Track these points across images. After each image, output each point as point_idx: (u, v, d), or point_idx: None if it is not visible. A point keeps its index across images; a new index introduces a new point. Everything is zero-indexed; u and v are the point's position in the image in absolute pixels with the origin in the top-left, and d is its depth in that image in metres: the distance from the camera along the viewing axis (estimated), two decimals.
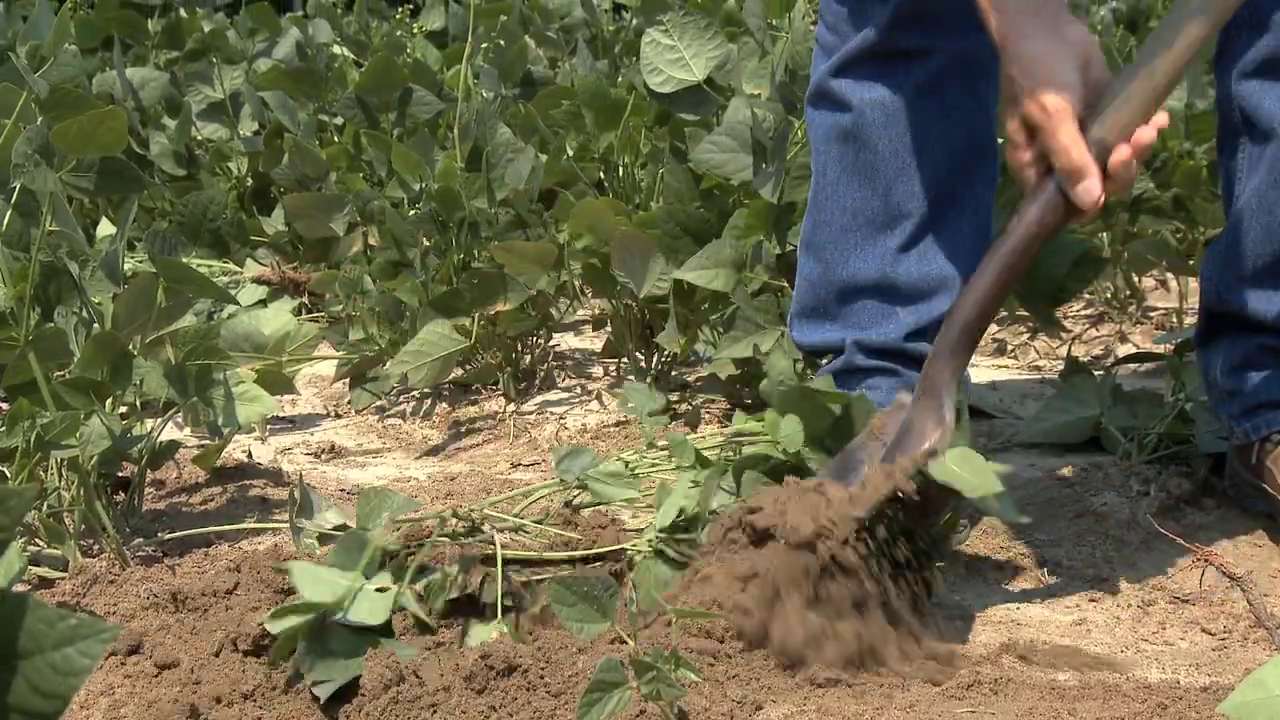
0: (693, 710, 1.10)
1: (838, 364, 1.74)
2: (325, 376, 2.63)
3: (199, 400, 1.78)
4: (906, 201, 1.69)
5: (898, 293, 1.71)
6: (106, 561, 1.60)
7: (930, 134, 1.69)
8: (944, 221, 1.70)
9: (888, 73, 1.68)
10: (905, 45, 1.66)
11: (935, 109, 1.69)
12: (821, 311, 1.75)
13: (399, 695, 1.14)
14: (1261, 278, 1.60)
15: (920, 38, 1.66)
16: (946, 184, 1.71)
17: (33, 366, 1.58)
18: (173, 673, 1.25)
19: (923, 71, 1.67)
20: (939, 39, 1.66)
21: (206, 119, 3.34)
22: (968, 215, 1.72)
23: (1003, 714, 1.15)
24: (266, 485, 1.99)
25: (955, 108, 1.70)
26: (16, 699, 0.65)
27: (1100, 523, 1.80)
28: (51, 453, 1.57)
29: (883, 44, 1.65)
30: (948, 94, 1.69)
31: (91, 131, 1.59)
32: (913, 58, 1.67)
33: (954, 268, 1.71)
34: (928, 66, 1.67)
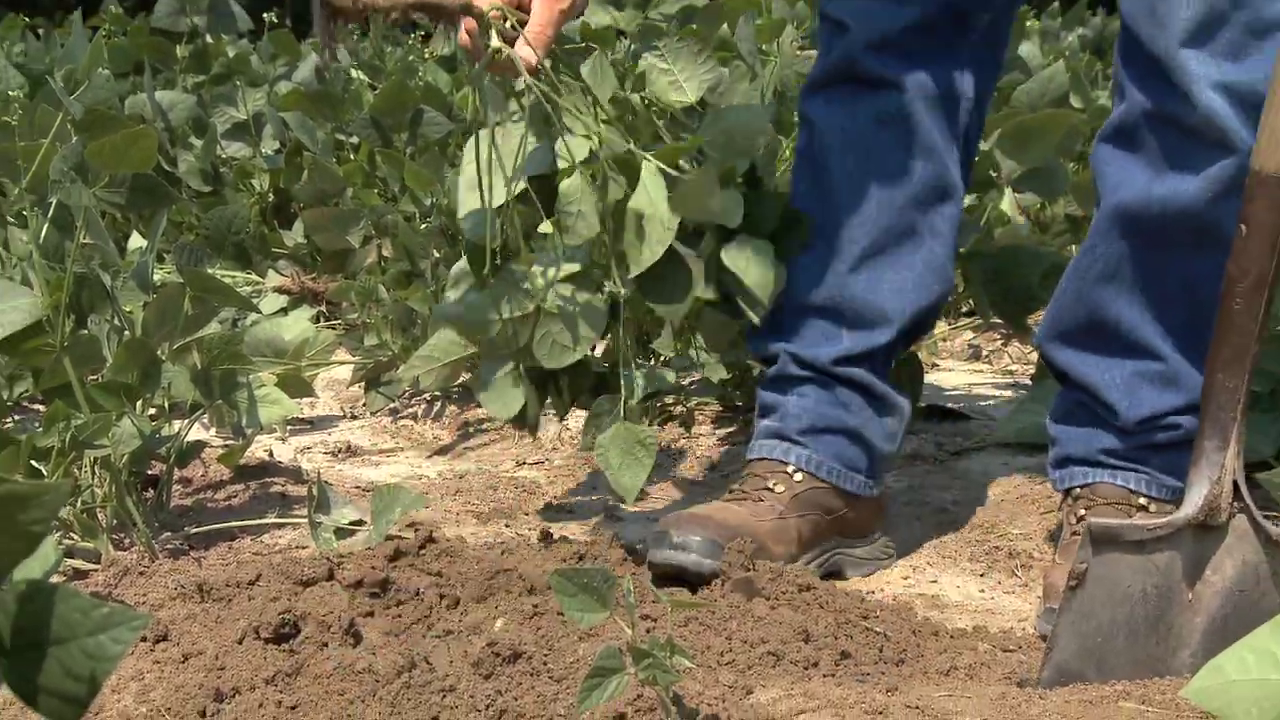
0: (687, 694, 1.10)
1: (772, 371, 1.69)
2: (342, 380, 2.63)
3: (223, 402, 1.78)
4: (858, 228, 1.63)
5: (843, 316, 1.65)
6: (137, 554, 1.60)
7: (889, 165, 1.63)
8: (898, 253, 1.64)
9: (850, 99, 1.63)
10: (869, 73, 1.61)
11: (896, 141, 1.63)
12: (774, 325, 1.68)
13: (411, 680, 1.14)
14: (1073, 339, 1.57)
15: (883, 67, 1.61)
16: (904, 216, 1.64)
17: (68, 371, 1.58)
18: (198, 659, 1.25)
19: (886, 103, 1.61)
20: (902, 71, 1.61)
21: (231, 138, 3.34)
22: (923, 250, 1.65)
23: (977, 697, 1.15)
24: (287, 483, 1.99)
25: (918, 143, 1.63)
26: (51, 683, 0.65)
27: None
28: (85, 452, 1.57)
29: (847, 69, 1.61)
30: (912, 129, 1.63)
31: (123, 150, 1.60)
32: (877, 87, 1.61)
33: (901, 300, 1.65)
34: (891, 98, 1.61)
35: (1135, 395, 1.53)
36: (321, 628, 1.28)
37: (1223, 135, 1.39)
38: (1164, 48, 1.40)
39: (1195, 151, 1.42)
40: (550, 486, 2.04)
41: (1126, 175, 1.49)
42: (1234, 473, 1.22)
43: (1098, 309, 1.54)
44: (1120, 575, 1.22)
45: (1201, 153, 1.41)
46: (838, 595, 1.45)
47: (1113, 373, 1.54)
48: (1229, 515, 1.23)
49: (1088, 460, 1.57)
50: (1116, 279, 1.52)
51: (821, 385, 1.64)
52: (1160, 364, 1.52)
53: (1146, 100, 1.45)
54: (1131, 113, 1.47)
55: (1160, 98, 1.43)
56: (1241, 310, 1.22)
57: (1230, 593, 1.24)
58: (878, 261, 1.64)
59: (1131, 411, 1.53)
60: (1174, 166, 1.44)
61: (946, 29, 1.61)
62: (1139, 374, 1.53)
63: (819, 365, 1.64)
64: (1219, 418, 1.23)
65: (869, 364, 1.65)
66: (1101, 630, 1.23)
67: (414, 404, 2.50)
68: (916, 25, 1.59)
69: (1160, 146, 1.45)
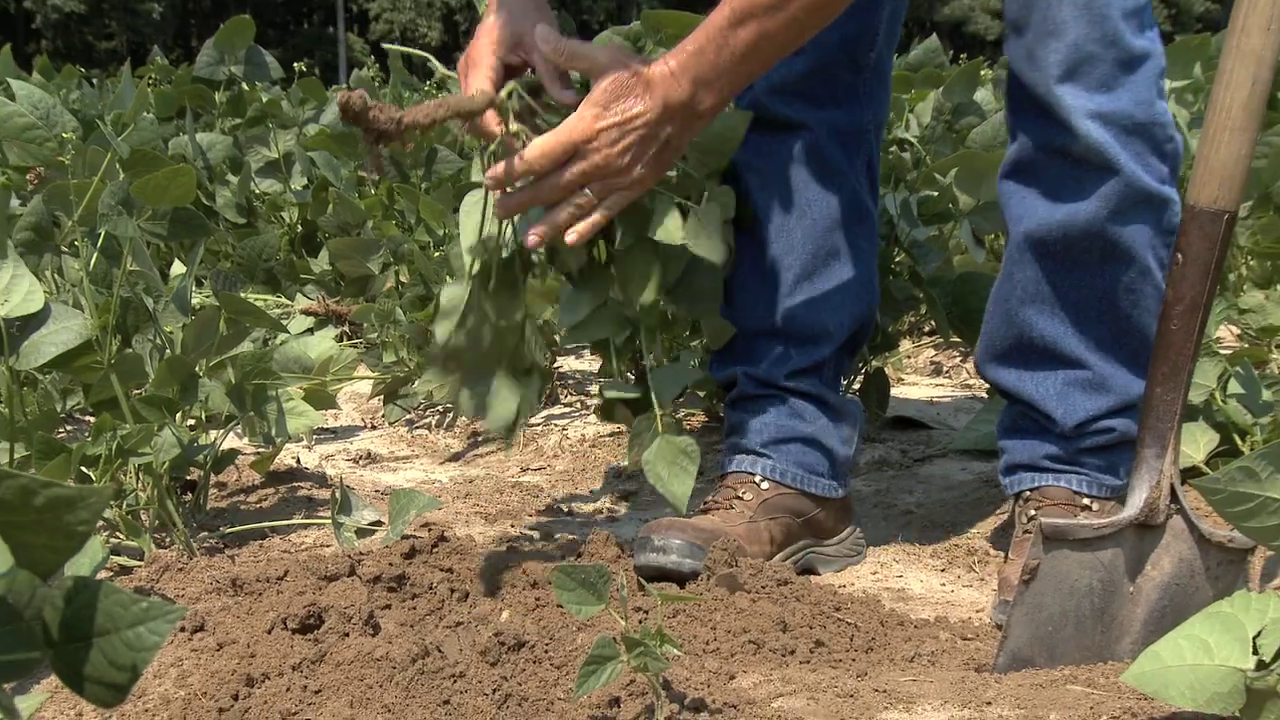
0: (675, 680, 1.10)
1: (733, 393, 1.68)
2: (362, 394, 2.63)
3: (255, 414, 1.77)
4: (788, 256, 1.62)
5: (789, 336, 1.64)
6: (176, 552, 1.60)
7: (807, 196, 1.62)
8: (828, 273, 1.64)
9: (764, 142, 1.61)
10: (777, 117, 1.60)
11: (811, 174, 1.62)
12: (728, 351, 1.68)
13: (424, 667, 1.14)
14: (1007, 359, 1.57)
15: (789, 110, 1.60)
16: (827, 240, 1.63)
17: (115, 386, 1.58)
18: (232, 648, 1.24)
19: (798, 141, 1.61)
20: (806, 112, 1.61)
21: (263, 175, 3.34)
22: (849, 268, 1.65)
23: (939, 681, 1.15)
24: (312, 487, 1.99)
25: (834, 173, 1.63)
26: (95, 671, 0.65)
27: None
28: (130, 459, 1.57)
29: (759, 112, 1.59)
30: (823, 162, 1.62)
31: (166, 186, 1.60)
32: (786, 129, 1.61)
33: (837, 315, 1.65)
34: (800, 137, 1.61)
35: (1069, 403, 1.53)
36: (343, 619, 1.27)
37: (1106, 159, 1.42)
38: (1043, 88, 1.43)
39: (1085, 176, 1.45)
40: (552, 490, 2.03)
41: (1028, 205, 1.50)
42: (1171, 478, 1.23)
43: (1024, 329, 1.54)
44: (1068, 570, 1.22)
45: (1091, 177, 1.44)
46: (812, 589, 1.45)
47: (1046, 385, 1.55)
48: (1167, 516, 1.23)
49: (1033, 466, 1.57)
50: (1037, 300, 1.52)
51: (778, 400, 1.64)
52: (1088, 372, 1.52)
53: (1036, 136, 1.47)
54: (1025, 148, 1.50)
55: (1047, 133, 1.45)
56: (1178, 331, 1.22)
57: (1167, 586, 1.24)
58: (811, 283, 1.64)
59: (1068, 418, 1.53)
60: (1069, 192, 1.46)
61: (840, 70, 1.62)
62: (1069, 383, 1.53)
63: (773, 383, 1.64)
64: (1158, 428, 1.23)
65: (818, 376, 1.65)
66: (1052, 620, 1.22)
67: (428, 415, 2.50)
68: (812, 70, 1.59)
69: (1054, 176, 1.47)
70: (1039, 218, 1.49)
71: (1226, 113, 1.20)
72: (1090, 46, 1.40)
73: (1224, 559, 1.24)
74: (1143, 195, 1.45)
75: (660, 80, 1.30)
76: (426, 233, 2.68)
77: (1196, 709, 0.91)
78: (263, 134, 3.36)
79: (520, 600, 1.37)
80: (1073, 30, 1.40)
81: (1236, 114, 1.19)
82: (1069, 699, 1.06)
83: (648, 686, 1.05)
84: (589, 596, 1.03)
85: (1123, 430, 1.53)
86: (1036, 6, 1.42)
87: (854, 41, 1.60)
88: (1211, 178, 1.20)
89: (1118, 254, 1.47)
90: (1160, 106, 1.45)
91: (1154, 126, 1.45)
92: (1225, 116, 1.20)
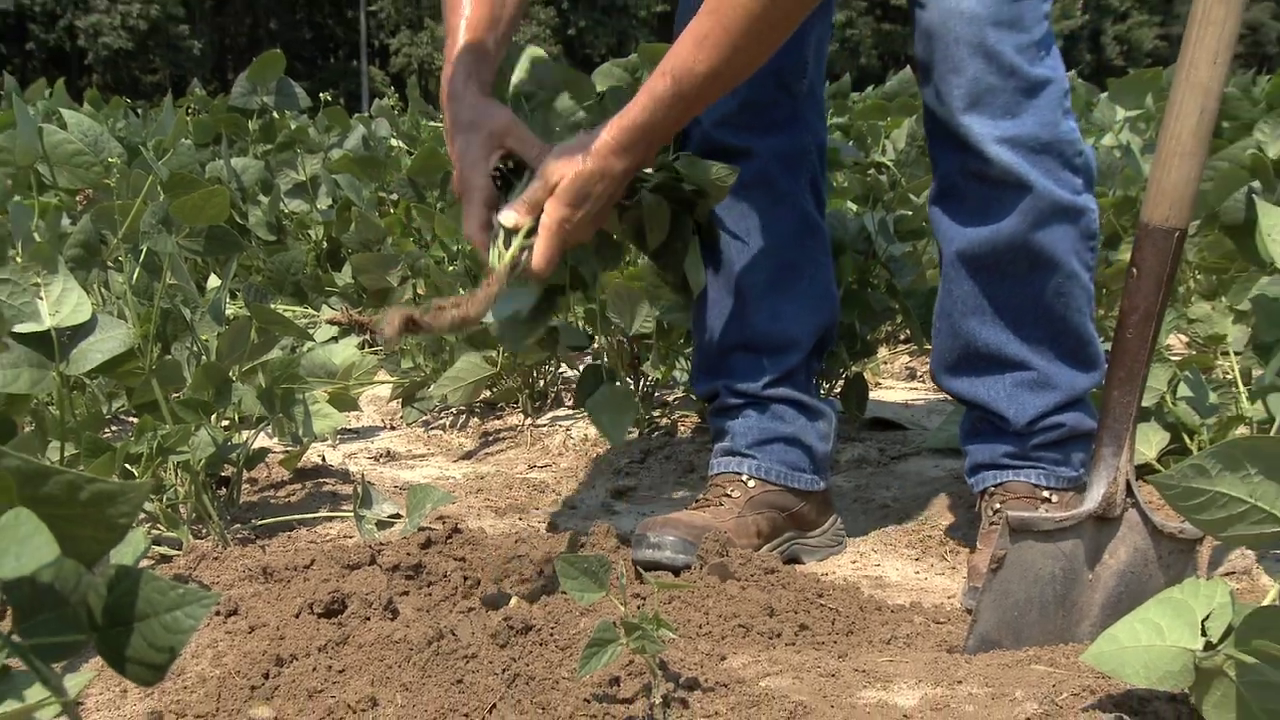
0: (670, 660, 1.09)
1: (715, 404, 1.68)
2: (382, 397, 2.63)
3: (284, 415, 1.77)
4: (750, 275, 1.62)
5: (760, 349, 1.64)
6: (211, 543, 1.59)
7: (761, 218, 1.62)
8: (788, 287, 1.63)
9: None
10: (725, 147, 1.59)
11: (762, 197, 1.61)
12: (708, 368, 1.68)
13: (439, 649, 1.14)
14: (957, 368, 1.57)
15: (735, 139, 1.59)
16: (784, 256, 1.62)
17: (155, 390, 1.58)
18: (262, 630, 1.24)
19: (748, 168, 1.59)
20: (751, 140, 1.60)
21: (292, 196, 3.34)
22: (807, 280, 1.64)
23: (913, 662, 1.15)
24: (336, 482, 1.99)
25: (784, 194, 1.63)
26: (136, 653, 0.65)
27: None
28: (169, 457, 1.57)
29: (707, 146, 1.59)
30: (775, 184, 1.62)
31: (202, 206, 1.59)
32: (735, 157, 1.59)
33: (802, 324, 1.64)
34: (753, 164, 1.60)
35: (1018, 402, 1.54)
36: (365, 604, 1.27)
37: (1018, 179, 1.44)
38: (953, 121, 1.45)
39: (1002, 196, 1.46)
40: (557, 486, 2.03)
41: (956, 227, 1.52)
42: (1127, 474, 1.22)
43: (969, 339, 1.55)
44: (1033, 559, 1.22)
45: (1008, 196, 1.46)
46: (797, 577, 1.44)
47: (995, 389, 1.56)
48: (1123, 509, 1.23)
49: (994, 465, 1.57)
50: (976, 311, 1.53)
51: (757, 407, 1.64)
52: (1033, 372, 1.53)
53: (953, 164, 1.49)
54: (946, 176, 1.51)
55: (963, 160, 1.46)
56: (1133, 339, 1.22)
57: (1123, 574, 1.24)
58: (774, 298, 1.63)
59: (1019, 417, 1.54)
60: (990, 212, 1.48)
61: (778, 99, 1.61)
62: (1017, 384, 1.54)
63: (752, 393, 1.64)
64: (1115, 428, 1.23)
65: (791, 382, 1.65)
66: (1017, 606, 1.22)
67: (443, 417, 2.49)
68: (752, 102, 1.59)
69: (974, 198, 1.49)
70: (967, 237, 1.51)
71: (1177, 139, 1.20)
72: (989, 79, 1.41)
73: (1175, 549, 1.24)
74: (1058, 207, 1.46)
75: (607, 154, 1.34)
76: (441, 248, 2.68)
77: (1150, 686, 0.90)
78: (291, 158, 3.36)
79: (527, 587, 1.37)
80: (971, 67, 1.41)
81: (1186, 140, 1.19)
82: (1033, 677, 1.06)
83: (645, 667, 1.05)
84: (591, 584, 1.03)
85: (1072, 424, 1.53)
86: (938, 48, 1.43)
87: (787, 73, 1.60)
88: (1163, 198, 1.20)
89: (1043, 262, 1.48)
90: (1066, 125, 1.47)
91: (1061, 144, 1.46)
92: (1176, 143, 1.20)
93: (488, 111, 1.40)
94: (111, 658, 0.65)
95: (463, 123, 1.40)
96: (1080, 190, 1.49)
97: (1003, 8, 1.41)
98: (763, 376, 1.64)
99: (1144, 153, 2.93)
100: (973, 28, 1.41)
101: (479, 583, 1.39)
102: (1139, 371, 1.23)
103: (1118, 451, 1.22)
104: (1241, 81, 4.39)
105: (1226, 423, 1.78)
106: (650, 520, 1.52)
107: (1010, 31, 1.41)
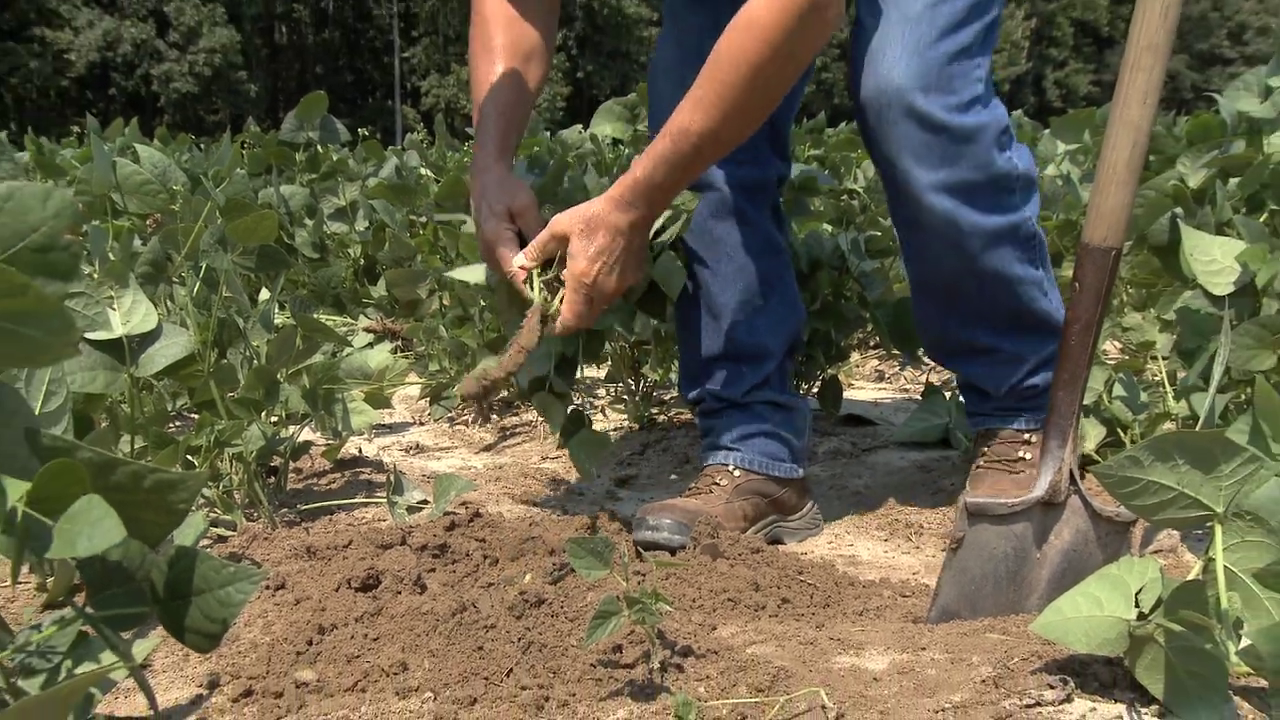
0: (667, 630, 1.09)
1: (702, 407, 1.68)
2: (412, 396, 2.62)
3: (325, 412, 1.77)
4: (724, 293, 1.61)
5: (739, 358, 1.63)
6: (262, 525, 1.59)
7: (730, 243, 1.61)
8: (758, 301, 1.62)
9: None
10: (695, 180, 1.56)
11: (731, 225, 1.61)
12: (693, 376, 1.67)
13: (463, 619, 1.13)
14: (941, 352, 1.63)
15: (703, 173, 1.56)
16: (754, 274, 1.61)
17: (212, 390, 1.57)
18: (306, 602, 1.23)
19: (714, 197, 1.59)
20: (720, 171, 1.59)
21: (334, 219, 3.34)
22: (776, 295, 1.64)
23: (882, 632, 1.14)
24: (371, 472, 1.98)
25: (746, 220, 1.61)
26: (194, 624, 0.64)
27: (948, 497, 1.79)
28: (224, 449, 1.57)
29: None
30: (739, 210, 1.61)
31: (254, 228, 1.59)
32: (704, 189, 1.59)
33: (774, 334, 1.64)
34: (717, 194, 1.59)
35: (995, 377, 1.58)
36: (396, 580, 1.27)
37: (955, 223, 1.43)
38: (892, 172, 1.43)
39: (944, 237, 1.45)
40: (567, 475, 2.03)
41: (909, 263, 1.55)
42: (1070, 464, 1.22)
43: (942, 336, 1.60)
44: (988, 540, 1.21)
45: (949, 236, 1.45)
46: (779, 556, 1.44)
47: (974, 368, 1.60)
48: (1067, 495, 1.22)
49: (985, 415, 1.62)
50: (942, 318, 1.57)
51: (739, 409, 1.64)
52: (1003, 353, 1.56)
53: (897, 211, 1.49)
54: (893, 217, 1.52)
55: (903, 207, 1.46)
56: (1076, 345, 1.22)
57: (1067, 552, 1.23)
58: (746, 312, 1.63)
59: (998, 388, 1.58)
60: (932, 251, 1.49)
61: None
62: (992, 364, 1.58)
63: (734, 399, 1.64)
64: (1060, 424, 1.23)
65: (768, 386, 1.65)
66: (974, 581, 1.22)
67: (465, 414, 2.49)
68: None
69: (918, 241, 1.50)
70: (917, 272, 1.54)
71: (1112, 169, 1.19)
72: (922, 136, 1.39)
73: (1112, 530, 1.23)
74: (997, 234, 1.46)
75: (610, 210, 1.36)
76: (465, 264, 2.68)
77: (1090, 651, 0.90)
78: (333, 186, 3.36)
79: (540, 565, 1.37)
80: (902, 127, 1.39)
81: (1120, 170, 1.19)
82: (988, 644, 1.06)
83: (645, 636, 1.05)
84: (597, 562, 1.03)
85: (1044, 382, 1.58)
86: (871, 113, 1.40)
87: None
88: (1101, 221, 1.20)
89: (991, 279, 1.49)
90: (1001, 160, 1.44)
91: (997, 178, 1.44)
92: (1111, 172, 1.20)
93: (510, 190, 1.45)
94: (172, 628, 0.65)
95: (490, 198, 1.45)
96: (1015, 207, 1.47)
97: (931, 76, 1.37)
98: (743, 384, 1.64)
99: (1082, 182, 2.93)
100: (902, 96, 1.37)
101: (497, 561, 1.38)
102: (1081, 374, 1.22)
103: (1062, 445, 1.22)
104: (1165, 121, 4.39)
105: (1155, 419, 1.78)
106: (649, 505, 1.52)
107: (939, 94, 1.38)
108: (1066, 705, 0.90)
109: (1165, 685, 0.87)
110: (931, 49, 1.38)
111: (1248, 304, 1.55)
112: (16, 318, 0.52)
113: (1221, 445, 0.89)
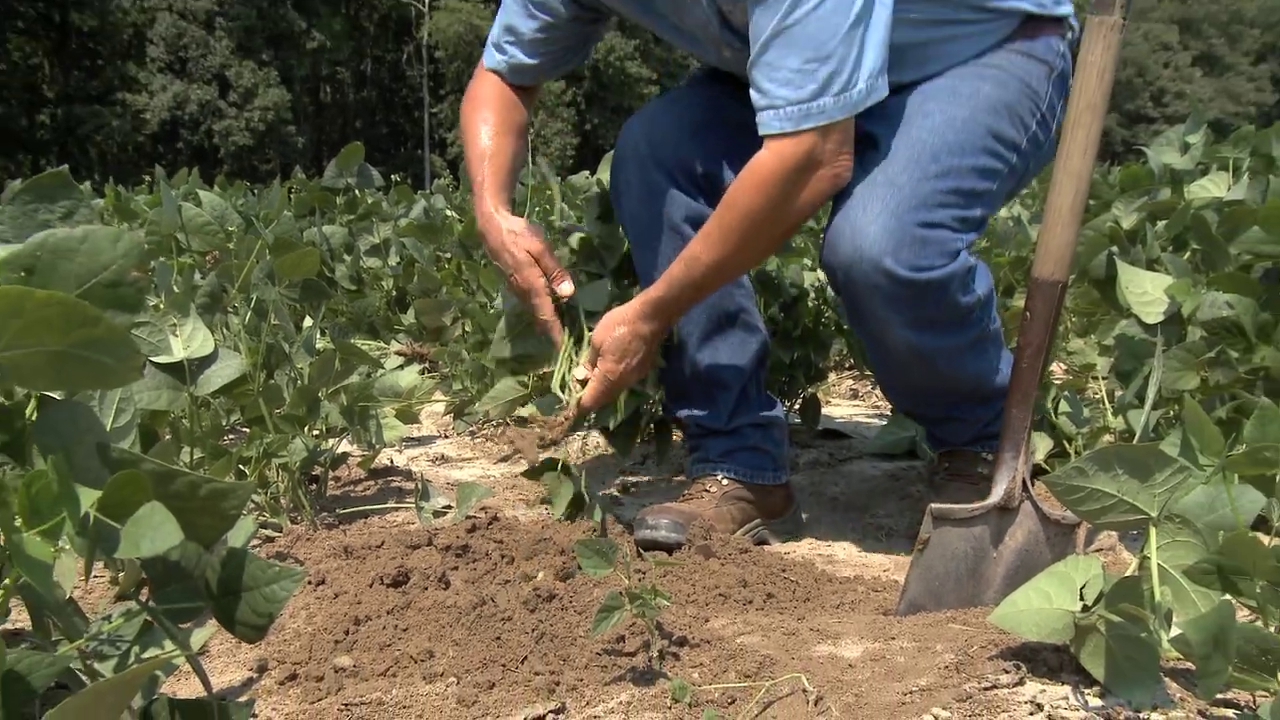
0: (665, 622, 1.09)
1: (689, 431, 1.66)
2: (438, 412, 2.62)
3: (361, 427, 1.77)
4: (687, 324, 1.59)
5: (711, 383, 1.61)
6: (305, 527, 1.58)
7: None
8: (724, 330, 1.60)
9: None
10: None
11: None
12: (674, 397, 1.67)
13: (482, 612, 1.13)
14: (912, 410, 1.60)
15: None
16: (718, 308, 1.58)
17: (262, 407, 1.57)
18: (344, 596, 1.23)
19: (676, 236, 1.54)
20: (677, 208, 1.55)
21: (369, 255, 3.35)
22: (739, 324, 1.61)
23: (855, 623, 1.14)
24: (401, 480, 1.98)
25: None
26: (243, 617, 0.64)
27: (915, 503, 1.79)
28: (272, 460, 1.56)
29: None
30: None
31: (299, 263, 1.60)
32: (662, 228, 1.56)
33: (741, 357, 1.61)
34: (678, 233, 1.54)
35: (958, 433, 1.54)
36: (424, 577, 1.26)
37: (915, 346, 1.35)
38: (860, 306, 1.35)
39: (904, 357, 1.39)
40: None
41: (876, 365, 1.48)
42: (1023, 473, 1.22)
43: (915, 408, 1.57)
44: (950, 541, 1.21)
45: (912, 356, 1.38)
46: (765, 555, 1.44)
47: (938, 429, 1.56)
48: (1020, 501, 1.22)
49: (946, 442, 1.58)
50: (914, 399, 1.53)
51: (724, 435, 1.63)
52: (963, 420, 1.52)
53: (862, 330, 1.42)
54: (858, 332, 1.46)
55: (867, 332, 1.40)
56: (1027, 369, 1.22)
57: (1020, 552, 1.23)
58: (713, 340, 1.61)
59: (959, 439, 1.55)
60: (894, 360, 1.41)
61: None
62: (954, 425, 1.53)
63: (716, 428, 1.63)
64: (1014, 438, 1.23)
65: (747, 409, 1.63)
66: (938, 578, 1.21)
67: (486, 427, 2.48)
68: None
69: (880, 359, 1.45)
70: (882, 372, 1.50)
71: (1058, 212, 1.20)
72: (890, 290, 1.29)
73: (1059, 532, 1.23)
74: (956, 350, 1.38)
75: (636, 320, 1.42)
76: (485, 295, 2.68)
77: (1040, 639, 0.90)
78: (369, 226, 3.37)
79: (552, 564, 1.36)
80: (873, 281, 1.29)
81: (1065, 213, 1.20)
82: (951, 633, 1.05)
83: (645, 627, 1.04)
84: (602, 562, 1.02)
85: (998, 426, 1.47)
86: (840, 269, 1.32)
87: None
88: (1049, 258, 1.21)
89: (951, 379, 1.41)
90: (965, 299, 1.33)
91: (960, 313, 1.34)
92: (1057, 215, 1.20)
93: (524, 234, 1.49)
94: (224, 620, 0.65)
95: (506, 242, 1.49)
96: (978, 321, 1.38)
97: (903, 249, 1.27)
98: (722, 412, 1.62)
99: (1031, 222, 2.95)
100: (872, 261, 1.28)
101: (513, 560, 1.38)
102: (1032, 394, 1.22)
103: (1016, 456, 1.22)
104: (1101, 171, 4.42)
105: (1096, 432, 1.78)
106: (648, 508, 1.51)
107: (910, 256, 1.28)
108: (1019, 687, 0.90)
109: (1106, 669, 0.87)
110: (911, 214, 1.27)
111: (1175, 331, 1.56)
112: (90, 345, 0.52)
113: (1155, 457, 0.89)
